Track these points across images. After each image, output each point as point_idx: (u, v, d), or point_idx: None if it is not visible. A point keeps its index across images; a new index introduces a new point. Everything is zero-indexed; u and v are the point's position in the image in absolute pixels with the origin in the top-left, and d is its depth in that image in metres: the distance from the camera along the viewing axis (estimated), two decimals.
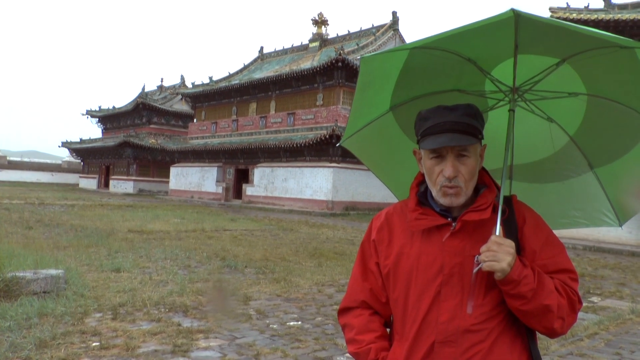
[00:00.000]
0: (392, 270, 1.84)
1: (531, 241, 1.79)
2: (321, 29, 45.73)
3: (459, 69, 1.96)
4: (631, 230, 19.48)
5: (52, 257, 10.15)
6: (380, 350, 1.83)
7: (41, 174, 73.14)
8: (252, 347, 5.76)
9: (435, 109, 1.74)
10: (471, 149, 1.73)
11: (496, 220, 1.72)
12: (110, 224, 18.18)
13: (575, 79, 1.90)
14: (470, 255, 1.71)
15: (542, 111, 2.10)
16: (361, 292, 1.92)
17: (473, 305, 1.70)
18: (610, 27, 20.98)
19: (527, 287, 1.64)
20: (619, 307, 8.79)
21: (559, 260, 1.79)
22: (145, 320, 6.52)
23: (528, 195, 2.39)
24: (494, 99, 2.13)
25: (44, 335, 5.60)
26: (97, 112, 66.75)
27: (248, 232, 18.30)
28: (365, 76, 1.98)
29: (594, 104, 1.98)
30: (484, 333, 1.70)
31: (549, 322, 1.70)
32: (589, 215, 2.44)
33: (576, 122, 2.11)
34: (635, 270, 13.78)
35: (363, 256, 1.96)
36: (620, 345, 6.36)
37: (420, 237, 1.80)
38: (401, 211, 1.91)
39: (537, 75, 1.91)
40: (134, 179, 55.69)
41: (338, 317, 2.01)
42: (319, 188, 34.55)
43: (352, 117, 2.15)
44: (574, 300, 1.76)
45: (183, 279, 9.18)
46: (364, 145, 2.32)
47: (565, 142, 2.19)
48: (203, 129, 48.62)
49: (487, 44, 1.82)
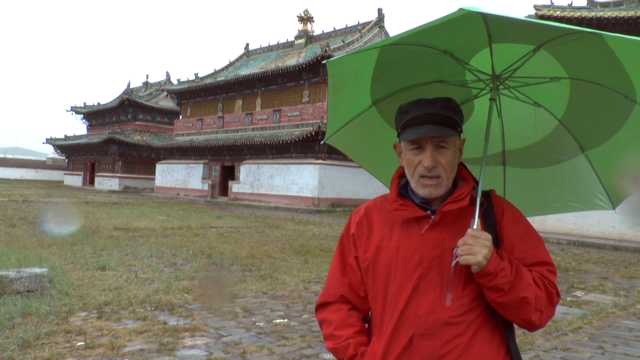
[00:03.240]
0: (372, 264, 1.84)
1: (510, 234, 1.81)
2: (307, 26, 45.67)
3: (437, 61, 1.97)
4: (614, 224, 19.71)
5: (36, 256, 10.06)
6: (359, 345, 1.83)
7: (25, 170, 72.41)
8: (239, 345, 5.76)
9: (415, 102, 1.77)
10: (450, 140, 1.75)
11: (474, 213, 1.73)
12: (96, 222, 18.03)
13: (554, 64, 1.92)
14: (449, 248, 1.72)
15: (528, 97, 2.12)
16: (340, 286, 1.92)
17: (452, 297, 1.70)
18: (593, 24, 21.16)
19: (504, 280, 1.65)
20: (602, 301, 8.90)
21: (537, 253, 1.81)
22: (131, 319, 6.48)
23: (522, 180, 2.43)
24: (477, 88, 2.14)
25: (28, 335, 5.55)
26: (81, 109, 66.15)
27: (234, 230, 18.26)
28: (335, 77, 2.01)
29: (577, 87, 2.00)
30: (463, 326, 1.70)
31: (527, 314, 1.71)
32: (582, 199, 2.45)
33: (563, 106, 2.13)
34: (618, 264, 13.96)
35: (342, 251, 1.96)
36: (603, 339, 6.44)
37: (400, 230, 1.81)
38: (381, 205, 1.92)
39: (515, 63, 1.92)
40: (120, 175, 55.30)
41: (316, 313, 2.00)
42: (305, 185, 34.53)
43: (331, 115, 2.18)
44: (552, 293, 1.77)
45: (169, 276, 9.14)
46: (350, 141, 2.34)
47: (554, 126, 2.20)
48: (189, 125, 48.38)
49: (459, 36, 1.82)
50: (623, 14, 20.37)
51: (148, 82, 64.12)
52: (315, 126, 33.10)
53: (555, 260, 13.81)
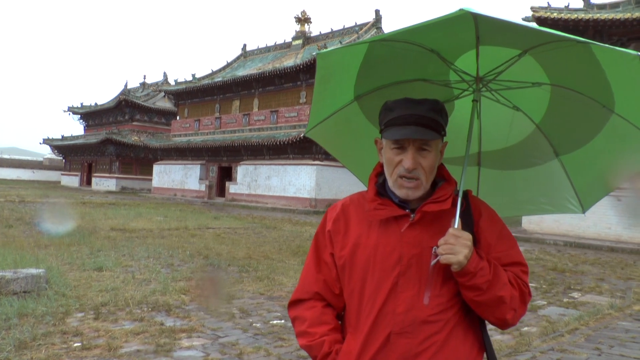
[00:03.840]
0: (348, 261, 1.82)
1: (487, 234, 1.82)
2: (304, 27, 45.67)
3: (423, 59, 1.98)
4: (610, 226, 19.75)
5: (33, 256, 10.04)
6: (334, 342, 1.81)
7: (22, 171, 72.29)
8: (235, 346, 5.75)
9: (402, 101, 1.75)
10: (433, 144, 1.75)
11: (454, 213, 1.74)
12: (93, 222, 17.99)
13: (538, 69, 1.95)
14: (428, 247, 1.72)
15: (508, 100, 2.15)
16: (315, 283, 1.90)
17: (430, 296, 1.71)
18: (590, 26, 21.25)
19: (483, 279, 1.67)
20: (599, 302, 8.91)
21: (511, 254, 1.83)
22: (128, 320, 6.48)
23: (496, 181, 2.47)
24: (459, 89, 2.17)
25: (24, 336, 5.53)
26: (79, 109, 66.06)
27: (231, 230, 18.25)
28: (323, 70, 2.02)
29: (558, 93, 2.04)
30: (440, 324, 1.71)
31: (502, 313, 1.74)
32: (554, 202, 2.51)
33: (541, 111, 2.17)
34: (614, 265, 13.99)
35: (317, 247, 1.94)
36: (600, 340, 6.45)
37: (378, 228, 1.80)
38: (358, 202, 1.91)
39: (500, 66, 1.95)
40: (117, 176, 55.23)
41: (288, 310, 1.97)
42: (302, 186, 34.54)
43: (315, 108, 2.18)
44: (525, 292, 1.79)
45: (166, 277, 9.12)
46: (329, 135, 2.34)
47: (531, 130, 2.25)
48: (186, 126, 48.34)
49: (448, 36, 1.84)
50: (619, 16, 20.44)
51: (145, 83, 64.06)
52: None
53: (552, 261, 13.88)
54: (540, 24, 21.66)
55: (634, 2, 21.49)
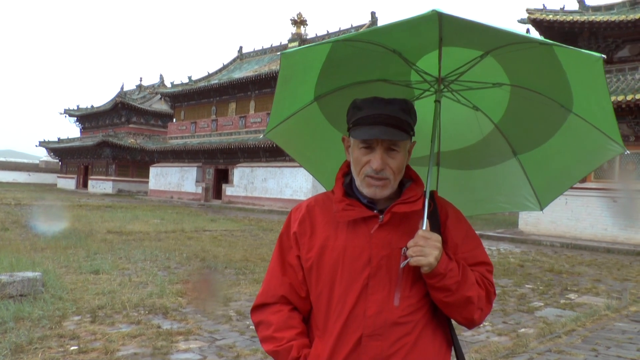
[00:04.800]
0: (316, 263, 1.78)
1: (453, 234, 1.82)
2: (300, 29, 45.69)
3: (384, 60, 1.98)
4: (606, 227, 19.79)
5: (29, 259, 10.03)
6: (302, 347, 1.76)
7: (18, 173, 72.04)
8: (233, 349, 5.75)
9: (371, 100, 1.72)
10: (401, 144, 1.73)
11: (422, 214, 1.73)
12: (89, 225, 17.97)
13: (499, 70, 1.97)
14: (397, 248, 1.70)
15: (468, 100, 2.17)
16: (280, 286, 1.84)
17: (400, 297, 1.70)
18: (585, 28, 21.32)
19: (452, 280, 1.67)
20: (595, 303, 8.93)
21: (477, 254, 1.84)
22: (125, 323, 6.47)
23: (455, 181, 2.49)
24: (420, 89, 2.17)
25: (20, 339, 5.52)
26: (75, 111, 65.94)
27: (228, 233, 18.24)
28: (286, 70, 1.99)
29: (517, 94, 2.07)
30: (410, 325, 1.70)
31: (470, 313, 1.74)
32: (512, 200, 2.55)
33: (500, 111, 2.20)
34: (611, 266, 14.01)
35: (282, 250, 1.88)
36: (597, 341, 6.46)
37: (346, 229, 1.77)
38: (323, 204, 1.86)
39: (462, 67, 1.96)
40: (113, 179, 55.13)
41: (251, 315, 1.90)
42: (298, 188, 34.54)
43: (275, 109, 2.14)
44: (490, 292, 1.80)
45: (163, 280, 9.11)
46: (289, 136, 2.31)
47: (490, 130, 2.28)
48: (182, 128, 48.30)
49: (412, 37, 1.85)
50: (614, 18, 20.51)
51: (142, 85, 64.00)
52: None
53: (548, 263, 13.91)
54: (535, 26, 21.75)
55: (629, 5, 21.57)
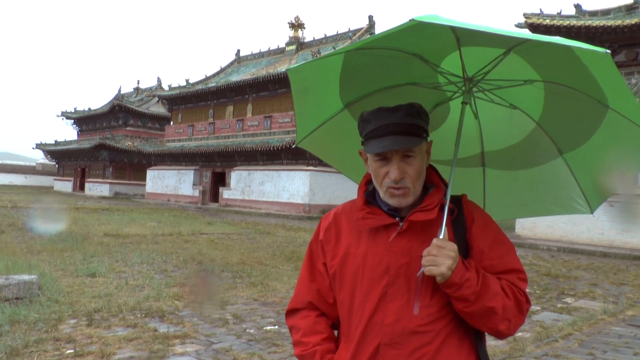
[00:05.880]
0: (339, 271, 1.80)
1: (479, 241, 1.77)
2: (298, 33, 45.73)
3: (408, 64, 1.95)
4: (603, 231, 19.83)
5: (25, 262, 9.99)
6: (326, 352, 1.79)
7: (14, 176, 71.83)
8: (229, 352, 5.74)
9: (376, 111, 1.71)
10: (416, 149, 1.70)
11: (443, 221, 1.70)
12: (86, 228, 17.93)
13: (526, 67, 1.89)
14: (417, 256, 1.68)
15: (503, 99, 2.10)
16: (308, 293, 1.89)
17: (420, 306, 1.68)
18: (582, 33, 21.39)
19: (469, 290, 1.63)
20: (592, 307, 8.94)
21: (507, 260, 1.78)
22: (121, 326, 6.45)
23: (501, 182, 2.41)
24: (450, 91, 2.12)
25: (16, 343, 5.50)
26: (72, 114, 65.79)
27: (225, 236, 18.21)
28: (297, 83, 2.00)
29: (551, 90, 1.98)
30: (430, 334, 1.68)
31: (494, 323, 1.69)
32: (561, 202, 2.43)
33: (538, 108, 2.11)
34: (607, 270, 14.04)
35: (311, 256, 1.92)
36: (593, 346, 6.47)
37: (367, 237, 1.77)
38: (349, 211, 1.87)
39: (486, 66, 1.90)
40: (110, 181, 55.00)
41: (285, 319, 1.96)
42: (295, 191, 34.52)
43: (300, 119, 2.17)
44: (522, 301, 1.74)
45: (159, 283, 9.09)
46: (322, 144, 2.33)
47: (532, 128, 2.19)
48: (180, 131, 48.26)
49: (427, 39, 1.80)
50: (610, 23, 20.60)
51: (139, 88, 63.92)
52: None
53: (545, 267, 13.91)
54: (532, 30, 21.80)
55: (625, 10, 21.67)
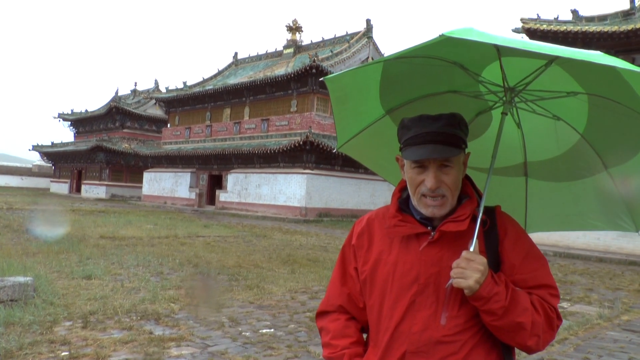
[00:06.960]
0: (369, 277, 1.82)
1: (511, 255, 1.76)
2: (295, 36, 45.81)
3: (448, 72, 1.94)
4: (599, 236, 19.87)
5: (21, 264, 9.95)
6: (354, 356, 1.81)
7: (10, 177, 71.67)
8: (225, 355, 5.73)
9: (418, 118, 1.71)
10: (454, 159, 1.70)
11: (478, 232, 1.69)
12: (82, 230, 17.88)
13: (569, 79, 1.85)
14: (447, 266, 1.67)
15: (546, 110, 2.06)
16: (339, 296, 1.91)
17: (447, 316, 1.68)
18: (579, 38, 21.45)
19: (497, 305, 1.62)
20: (588, 312, 8.96)
21: (538, 275, 1.76)
22: (117, 329, 6.43)
23: (544, 193, 2.38)
24: (491, 100, 2.11)
25: (11, 345, 5.48)
26: (69, 116, 65.73)
27: (221, 239, 18.19)
28: (337, 92, 2.03)
29: (595, 103, 1.93)
30: (457, 345, 1.68)
31: (522, 339, 1.67)
32: (604, 218, 2.37)
33: (583, 121, 2.05)
34: (603, 275, 14.07)
35: (343, 260, 1.94)
36: (589, 350, 6.48)
37: (399, 244, 1.78)
38: (382, 217, 1.87)
39: (528, 77, 1.88)
40: (107, 184, 54.94)
41: (316, 320, 1.98)
42: (292, 194, 34.51)
43: (340, 125, 2.22)
44: (552, 318, 1.72)
45: (155, 286, 9.08)
46: (363, 149, 2.37)
47: (576, 140, 2.13)
48: (177, 134, 48.24)
49: (467, 49, 1.79)
50: (607, 29, 20.66)
51: (136, 90, 63.90)
52: (303, 136, 33.13)
53: None
54: (530, 35, 21.88)
55: (622, 15, 21.75)
